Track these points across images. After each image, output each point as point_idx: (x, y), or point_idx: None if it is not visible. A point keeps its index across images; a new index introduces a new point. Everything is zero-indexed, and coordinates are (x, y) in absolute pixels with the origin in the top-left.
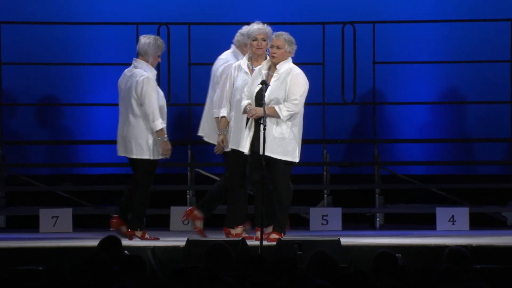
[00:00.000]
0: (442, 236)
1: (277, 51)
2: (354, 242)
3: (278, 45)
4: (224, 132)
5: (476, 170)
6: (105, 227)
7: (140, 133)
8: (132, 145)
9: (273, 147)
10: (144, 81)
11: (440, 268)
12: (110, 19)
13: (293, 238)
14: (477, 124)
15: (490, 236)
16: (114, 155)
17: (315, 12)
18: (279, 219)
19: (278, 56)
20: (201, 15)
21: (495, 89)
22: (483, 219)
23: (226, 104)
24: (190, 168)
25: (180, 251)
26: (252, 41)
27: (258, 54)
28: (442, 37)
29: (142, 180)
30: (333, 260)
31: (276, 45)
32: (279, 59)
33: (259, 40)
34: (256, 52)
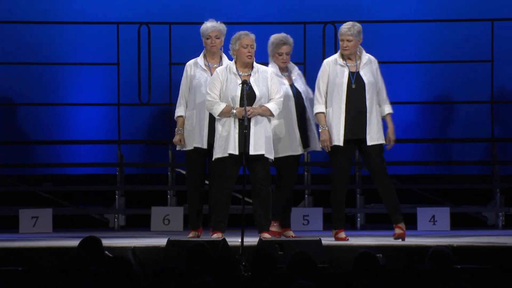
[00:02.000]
0: (423, 236)
1: (252, 50)
2: (335, 242)
3: (252, 45)
4: (181, 131)
5: (456, 170)
6: (85, 227)
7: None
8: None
9: (265, 146)
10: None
11: (421, 268)
12: (90, 19)
13: (274, 238)
14: (458, 124)
15: (471, 236)
16: (95, 155)
17: (296, 12)
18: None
19: (253, 56)
20: (182, 15)
21: (476, 89)
22: (464, 219)
23: (182, 102)
24: (171, 168)
25: (160, 251)
26: (206, 39)
27: (213, 52)
28: (424, 37)
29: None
30: (311, 261)
31: (250, 45)
32: (253, 58)
33: (212, 38)
34: (210, 50)
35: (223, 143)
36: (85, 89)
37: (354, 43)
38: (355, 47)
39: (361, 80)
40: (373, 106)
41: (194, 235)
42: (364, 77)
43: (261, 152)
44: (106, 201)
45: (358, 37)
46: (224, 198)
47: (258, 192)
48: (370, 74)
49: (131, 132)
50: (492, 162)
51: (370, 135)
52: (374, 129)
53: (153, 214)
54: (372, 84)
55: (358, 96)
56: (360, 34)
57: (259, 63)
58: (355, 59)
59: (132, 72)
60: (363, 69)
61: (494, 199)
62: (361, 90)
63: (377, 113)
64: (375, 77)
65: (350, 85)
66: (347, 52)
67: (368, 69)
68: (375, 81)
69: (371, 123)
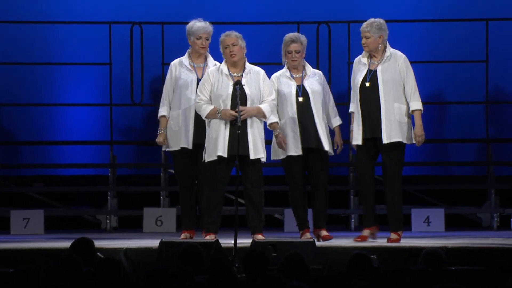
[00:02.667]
0: (418, 237)
1: (235, 48)
2: (329, 244)
3: (233, 43)
4: (163, 131)
5: (451, 171)
6: (77, 228)
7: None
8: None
9: (262, 148)
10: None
11: (415, 269)
12: (82, 18)
13: (268, 239)
14: (453, 125)
15: (465, 237)
16: (87, 156)
17: (289, 12)
18: (261, 219)
19: (238, 53)
20: (175, 15)
21: (471, 89)
22: (459, 220)
23: (166, 103)
24: (163, 169)
25: (153, 253)
26: (196, 39)
27: (201, 53)
28: (418, 37)
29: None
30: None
31: (232, 43)
32: (239, 56)
33: (203, 39)
34: (199, 51)
35: (213, 145)
36: (77, 89)
37: (373, 39)
38: (375, 44)
39: (376, 79)
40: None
41: (186, 237)
42: (380, 74)
43: (260, 156)
44: (98, 202)
45: (379, 33)
46: (216, 199)
47: (250, 194)
48: (389, 72)
49: (123, 132)
50: (487, 163)
51: (386, 133)
52: (391, 127)
53: (145, 215)
54: (389, 81)
55: (373, 95)
56: (381, 30)
57: (252, 63)
58: (379, 56)
59: (125, 72)
60: (382, 66)
61: (489, 200)
62: (375, 88)
63: (396, 112)
64: (395, 73)
65: (364, 84)
66: (366, 49)
67: (388, 66)
68: (393, 78)
69: (388, 122)
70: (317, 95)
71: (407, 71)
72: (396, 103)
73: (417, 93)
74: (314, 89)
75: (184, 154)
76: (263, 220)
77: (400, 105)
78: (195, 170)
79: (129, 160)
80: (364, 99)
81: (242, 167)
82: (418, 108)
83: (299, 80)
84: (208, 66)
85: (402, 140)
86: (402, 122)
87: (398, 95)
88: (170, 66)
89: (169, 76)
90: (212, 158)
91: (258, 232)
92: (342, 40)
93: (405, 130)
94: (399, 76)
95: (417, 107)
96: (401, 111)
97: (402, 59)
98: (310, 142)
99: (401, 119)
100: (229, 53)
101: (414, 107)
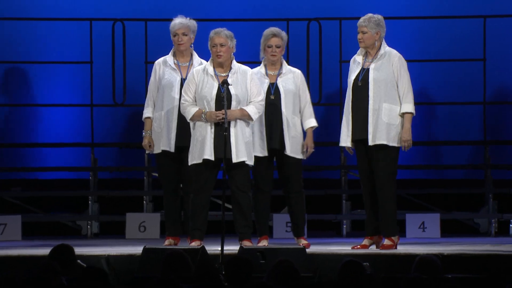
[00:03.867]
0: (412, 244)
1: (222, 49)
2: (320, 250)
3: (222, 43)
4: (149, 134)
5: (447, 175)
6: (56, 234)
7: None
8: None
9: (246, 152)
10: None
11: (409, 277)
12: (62, 15)
13: (256, 246)
14: (449, 126)
15: (462, 244)
16: (66, 159)
17: (278, 8)
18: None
19: (224, 54)
20: (159, 11)
21: (468, 89)
22: (455, 226)
23: (150, 103)
24: (147, 173)
25: (136, 260)
26: (173, 36)
27: (181, 50)
28: (413, 34)
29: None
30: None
31: (220, 43)
32: (226, 57)
33: (179, 35)
34: (178, 48)
35: (198, 148)
36: (57, 89)
37: (370, 35)
38: (371, 40)
39: (368, 77)
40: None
41: (171, 243)
42: (372, 73)
43: (243, 159)
44: (78, 207)
45: (376, 29)
46: (201, 204)
47: (237, 199)
48: (382, 71)
49: (105, 134)
50: (484, 166)
51: (372, 134)
52: (377, 129)
53: (128, 220)
54: (380, 81)
55: (364, 94)
56: (378, 26)
57: (240, 62)
58: (374, 54)
59: (106, 71)
60: (375, 64)
61: (486, 205)
62: (366, 87)
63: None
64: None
65: (357, 83)
66: (362, 45)
67: (381, 65)
68: (386, 77)
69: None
70: (289, 94)
71: (401, 71)
72: (386, 103)
73: (410, 95)
74: (287, 88)
75: (167, 157)
76: (251, 226)
77: (391, 106)
78: (179, 174)
79: (110, 163)
80: (356, 99)
81: (229, 171)
82: (408, 111)
83: (274, 78)
84: (194, 65)
85: (387, 142)
86: (391, 124)
87: (389, 95)
88: (154, 65)
89: (153, 76)
90: (197, 161)
91: (246, 239)
92: (333, 37)
93: (393, 133)
94: (392, 76)
95: (407, 110)
96: (391, 112)
97: (396, 58)
98: (274, 143)
99: (390, 121)
100: (216, 53)
101: (405, 109)
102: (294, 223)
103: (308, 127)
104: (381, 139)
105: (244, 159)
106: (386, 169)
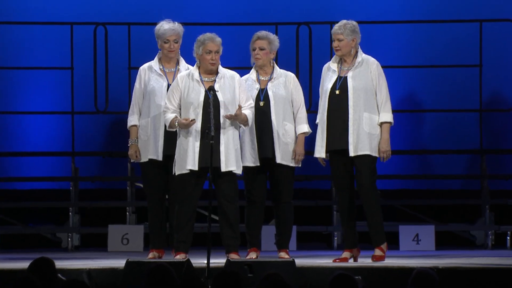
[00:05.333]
0: (406, 257)
1: (217, 56)
2: (310, 264)
3: (217, 50)
4: (135, 142)
5: (442, 185)
6: (36, 247)
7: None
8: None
9: (236, 161)
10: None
11: None
12: (41, 19)
13: (243, 259)
14: (444, 134)
15: (458, 257)
16: (46, 168)
17: (267, 12)
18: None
19: (218, 62)
20: (142, 15)
21: (463, 96)
22: (450, 238)
23: (135, 110)
24: (130, 183)
25: (118, 274)
26: (164, 43)
27: (171, 57)
28: (406, 39)
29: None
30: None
31: (215, 50)
32: (217, 65)
33: (171, 43)
34: (168, 55)
35: (184, 157)
36: (36, 96)
37: (346, 42)
38: (348, 48)
39: (346, 86)
40: (358, 114)
41: (155, 256)
42: (350, 81)
43: (232, 169)
44: (58, 218)
45: (352, 36)
46: (186, 216)
47: (224, 210)
48: (361, 79)
49: (86, 143)
50: (481, 176)
51: (353, 145)
52: (358, 139)
53: (110, 233)
54: (359, 89)
55: (342, 104)
56: (354, 33)
57: (227, 67)
58: (350, 61)
59: (88, 77)
60: (353, 72)
61: (483, 217)
62: (345, 96)
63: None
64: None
65: (334, 92)
66: (339, 53)
67: (359, 73)
68: (365, 86)
69: (355, 133)
70: (279, 99)
71: (379, 78)
72: (366, 112)
73: (388, 104)
74: (277, 93)
75: (154, 166)
76: (238, 238)
77: (371, 115)
78: (166, 183)
79: (92, 173)
80: (333, 108)
81: (216, 181)
82: (387, 120)
83: (265, 83)
84: (180, 70)
85: (370, 153)
86: (372, 134)
87: (369, 104)
88: (139, 71)
89: (138, 82)
90: (182, 171)
91: (233, 251)
92: (324, 42)
93: (375, 142)
94: (371, 84)
95: (385, 119)
96: (372, 122)
97: (375, 66)
98: (266, 152)
99: (371, 130)
100: (210, 60)
101: (383, 119)
102: (278, 234)
103: (299, 132)
104: (364, 149)
105: (233, 168)
106: (370, 179)
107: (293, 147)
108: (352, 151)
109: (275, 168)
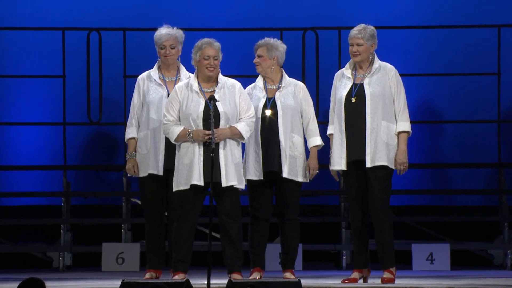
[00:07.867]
0: (419, 277)
1: (215, 62)
2: (317, 284)
3: (215, 56)
4: (133, 156)
5: (457, 201)
6: (25, 267)
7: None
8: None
9: (236, 174)
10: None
11: None
12: (31, 24)
13: (246, 279)
14: (460, 147)
15: (474, 278)
16: (36, 183)
17: (271, 17)
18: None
19: (216, 68)
20: (138, 20)
21: (481, 106)
22: (467, 257)
23: (134, 122)
24: (125, 198)
25: None
26: (160, 49)
27: (168, 64)
28: (418, 45)
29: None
30: None
31: (213, 56)
32: (217, 71)
33: (167, 48)
34: (165, 61)
35: (185, 172)
36: (26, 106)
37: (366, 47)
38: (367, 53)
39: (363, 93)
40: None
41: (152, 276)
42: (368, 88)
43: (233, 183)
44: (49, 236)
45: (371, 41)
46: (186, 233)
47: (226, 227)
48: (378, 86)
49: (79, 156)
50: (499, 191)
51: (370, 155)
52: (376, 149)
53: (104, 251)
54: (377, 96)
55: (358, 112)
56: (373, 38)
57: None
58: (366, 68)
59: (80, 86)
60: (370, 79)
61: (501, 234)
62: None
63: (383, 131)
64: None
65: (349, 100)
66: (357, 58)
67: (377, 80)
68: (383, 93)
69: (372, 142)
70: (287, 110)
71: (397, 86)
72: (384, 121)
73: (406, 113)
74: (285, 103)
75: (153, 181)
76: (241, 257)
77: (389, 124)
78: (166, 199)
79: (85, 188)
80: (349, 117)
81: (217, 196)
82: (404, 129)
83: (273, 92)
84: (181, 79)
85: (388, 164)
86: (389, 144)
87: (387, 112)
88: (137, 80)
89: (136, 92)
90: (184, 187)
91: (236, 271)
92: (331, 48)
93: (392, 153)
94: (389, 91)
95: (404, 129)
96: (390, 131)
97: (393, 72)
98: (272, 165)
99: (388, 140)
100: (207, 66)
101: (401, 128)
102: (284, 253)
103: (311, 146)
104: (381, 160)
105: (234, 183)
106: (383, 195)
107: (300, 160)
108: (369, 161)
109: (281, 182)
